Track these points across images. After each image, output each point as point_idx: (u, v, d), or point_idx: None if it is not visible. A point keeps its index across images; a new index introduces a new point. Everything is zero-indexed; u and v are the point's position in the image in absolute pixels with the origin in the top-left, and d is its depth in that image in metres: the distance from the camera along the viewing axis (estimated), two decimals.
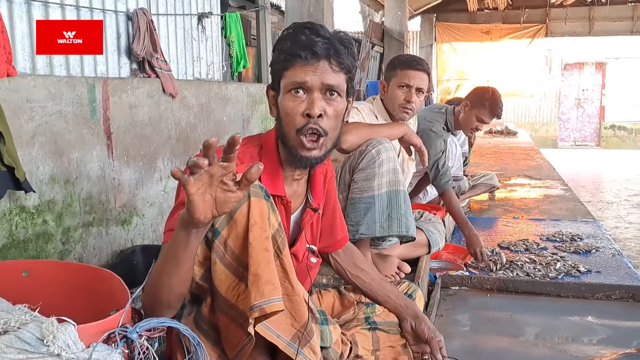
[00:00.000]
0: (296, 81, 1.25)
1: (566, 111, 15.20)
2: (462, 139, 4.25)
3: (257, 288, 1.09)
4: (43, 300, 1.28)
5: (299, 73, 1.25)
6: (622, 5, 11.84)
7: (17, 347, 1.02)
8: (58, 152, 2.18)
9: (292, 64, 1.26)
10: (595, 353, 1.89)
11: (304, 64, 1.25)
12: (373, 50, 9.19)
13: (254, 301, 1.08)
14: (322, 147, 1.29)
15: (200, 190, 0.95)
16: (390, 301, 1.61)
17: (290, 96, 1.27)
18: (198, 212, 0.96)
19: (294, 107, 1.27)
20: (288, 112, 1.28)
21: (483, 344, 2.00)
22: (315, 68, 1.25)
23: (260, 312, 1.08)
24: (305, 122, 1.26)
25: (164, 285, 1.11)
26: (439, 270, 2.74)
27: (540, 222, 4.04)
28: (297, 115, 1.26)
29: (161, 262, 1.11)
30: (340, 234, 1.65)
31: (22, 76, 2.04)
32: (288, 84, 1.27)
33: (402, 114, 2.44)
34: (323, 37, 1.26)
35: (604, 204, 6.83)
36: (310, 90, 1.26)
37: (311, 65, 1.25)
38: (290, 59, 1.26)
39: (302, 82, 1.25)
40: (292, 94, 1.27)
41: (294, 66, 1.25)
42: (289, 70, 1.26)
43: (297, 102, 1.26)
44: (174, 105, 2.98)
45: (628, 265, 3.01)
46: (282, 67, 1.28)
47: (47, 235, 2.13)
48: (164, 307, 1.15)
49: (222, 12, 4.13)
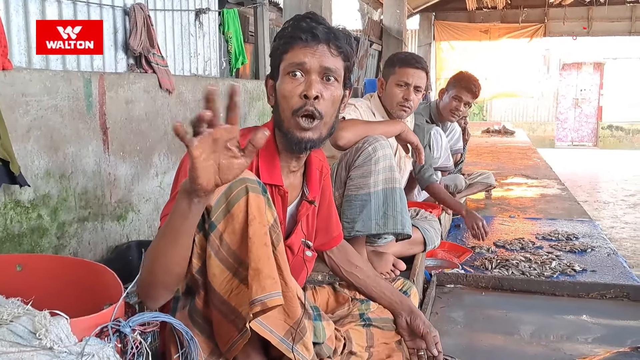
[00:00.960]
0: (295, 62, 1.28)
1: (564, 111, 15.23)
2: (456, 136, 4.24)
3: (259, 282, 1.09)
4: (36, 295, 1.27)
5: (298, 54, 1.27)
6: (620, 5, 11.85)
7: (9, 340, 1.02)
8: (53, 146, 2.17)
9: (291, 46, 1.28)
10: (589, 351, 1.90)
11: (303, 45, 1.27)
12: (371, 48, 9.19)
13: (255, 295, 1.08)
14: (317, 129, 1.31)
15: (204, 156, 0.93)
16: (385, 297, 1.61)
17: (288, 78, 1.29)
18: (201, 178, 0.94)
19: (291, 89, 1.29)
20: (285, 94, 1.29)
21: (478, 341, 2.00)
22: (314, 50, 1.27)
23: (262, 307, 1.08)
24: (302, 103, 1.28)
25: (160, 262, 1.10)
26: (435, 268, 2.74)
27: (536, 221, 4.05)
28: (294, 97, 1.28)
29: (158, 237, 1.09)
30: (336, 232, 1.65)
31: (17, 70, 2.03)
32: (287, 67, 1.29)
33: (400, 112, 2.45)
34: (324, 25, 1.29)
35: (600, 204, 6.84)
36: (308, 72, 1.28)
37: (310, 47, 1.27)
38: (290, 42, 1.29)
39: (300, 63, 1.27)
40: (290, 76, 1.29)
41: (294, 48, 1.28)
42: (289, 53, 1.29)
43: (294, 84, 1.29)
44: (171, 101, 2.97)
45: (623, 264, 3.02)
46: (282, 51, 1.30)
47: (42, 229, 2.12)
48: (159, 287, 1.13)
49: (219, 8, 4.12)
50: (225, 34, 4.16)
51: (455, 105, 3.54)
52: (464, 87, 3.48)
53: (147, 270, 1.12)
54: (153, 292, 1.16)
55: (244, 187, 1.15)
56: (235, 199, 1.14)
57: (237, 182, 1.15)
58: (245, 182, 1.16)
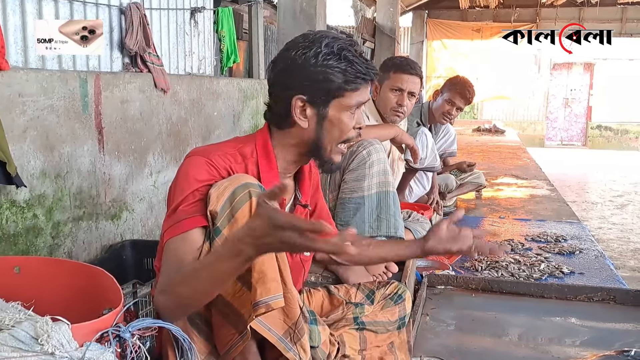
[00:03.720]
0: (360, 101, 1.40)
1: (554, 110, 15.33)
2: (450, 138, 4.28)
3: (264, 285, 1.13)
4: (34, 297, 1.29)
5: (364, 95, 1.40)
6: (611, 7, 11.96)
7: (11, 346, 1.04)
8: (49, 146, 2.18)
9: (359, 86, 1.37)
10: (576, 354, 1.94)
11: (365, 86, 1.39)
12: (364, 46, 9.20)
13: (260, 297, 1.12)
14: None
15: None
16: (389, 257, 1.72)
17: (349, 114, 1.39)
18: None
19: (349, 123, 1.40)
20: (343, 128, 1.39)
21: (467, 343, 2.04)
22: (368, 90, 1.42)
23: (266, 308, 1.12)
24: (354, 134, 1.43)
25: (204, 299, 1.17)
26: (426, 269, 2.77)
27: (525, 222, 4.09)
28: (351, 130, 1.41)
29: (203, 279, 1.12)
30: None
31: (14, 70, 2.03)
32: (352, 103, 1.38)
33: (394, 117, 2.49)
34: (367, 61, 1.39)
35: (588, 205, 6.93)
36: (359, 107, 1.42)
37: (366, 87, 1.40)
38: (359, 82, 1.36)
39: (362, 103, 1.41)
40: (350, 112, 1.39)
41: (361, 89, 1.37)
42: (355, 92, 1.37)
43: (352, 119, 1.40)
44: (166, 100, 2.98)
45: (610, 267, 3.07)
46: (344, 87, 1.36)
47: (37, 229, 2.13)
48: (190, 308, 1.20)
49: (214, 7, 4.12)
50: (218, 33, 4.16)
51: (448, 109, 3.58)
52: (458, 92, 3.52)
53: (184, 301, 1.17)
54: (181, 313, 1.22)
55: (247, 192, 1.18)
56: (239, 204, 1.17)
57: (241, 188, 1.19)
58: (248, 187, 1.19)
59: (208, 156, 1.29)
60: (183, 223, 1.21)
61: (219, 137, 3.52)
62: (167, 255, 1.23)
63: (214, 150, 1.33)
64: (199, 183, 1.24)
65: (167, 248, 1.22)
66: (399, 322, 1.64)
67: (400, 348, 1.63)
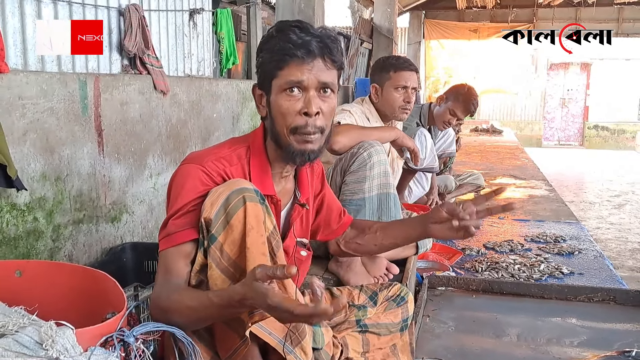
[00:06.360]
0: (292, 80, 1.26)
1: (551, 110, 15.38)
2: (449, 139, 4.28)
3: None
4: (37, 301, 1.29)
5: (295, 72, 1.26)
6: (608, 7, 12.00)
7: (15, 351, 1.03)
8: (49, 149, 2.17)
9: (286, 63, 1.26)
10: (576, 355, 1.95)
11: (299, 62, 1.26)
12: (362, 47, 9.20)
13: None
14: (317, 141, 1.32)
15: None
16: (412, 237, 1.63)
17: (285, 95, 1.28)
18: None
19: (289, 107, 1.28)
20: (283, 112, 1.29)
21: (468, 344, 2.05)
22: (311, 67, 1.26)
23: (260, 317, 1.11)
24: (302, 121, 1.28)
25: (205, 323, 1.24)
26: (426, 271, 2.78)
27: (524, 222, 4.11)
28: (292, 114, 1.28)
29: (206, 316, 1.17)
30: (339, 221, 1.69)
31: (14, 72, 2.02)
32: (283, 84, 1.27)
33: (403, 115, 2.56)
34: (314, 36, 1.27)
35: (586, 204, 6.94)
36: (306, 89, 1.28)
37: (307, 64, 1.26)
38: (285, 59, 1.26)
39: (298, 81, 1.26)
40: (287, 93, 1.28)
41: (289, 65, 1.26)
42: (284, 70, 1.27)
43: (292, 101, 1.28)
44: (165, 102, 2.97)
45: (609, 267, 3.08)
46: (275, 67, 1.28)
47: (38, 232, 2.12)
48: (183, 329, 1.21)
49: (213, 8, 4.12)
50: (217, 34, 4.16)
51: (449, 118, 3.58)
52: (461, 103, 3.50)
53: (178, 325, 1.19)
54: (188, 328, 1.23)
55: (241, 198, 1.17)
56: (233, 209, 1.17)
57: (235, 193, 1.18)
58: (242, 193, 1.18)
59: (201, 163, 1.28)
60: (174, 236, 1.23)
61: (219, 138, 3.51)
62: (160, 267, 1.26)
63: (208, 155, 1.32)
64: (192, 195, 1.24)
65: (160, 259, 1.26)
66: (401, 324, 1.64)
67: (403, 350, 1.63)
